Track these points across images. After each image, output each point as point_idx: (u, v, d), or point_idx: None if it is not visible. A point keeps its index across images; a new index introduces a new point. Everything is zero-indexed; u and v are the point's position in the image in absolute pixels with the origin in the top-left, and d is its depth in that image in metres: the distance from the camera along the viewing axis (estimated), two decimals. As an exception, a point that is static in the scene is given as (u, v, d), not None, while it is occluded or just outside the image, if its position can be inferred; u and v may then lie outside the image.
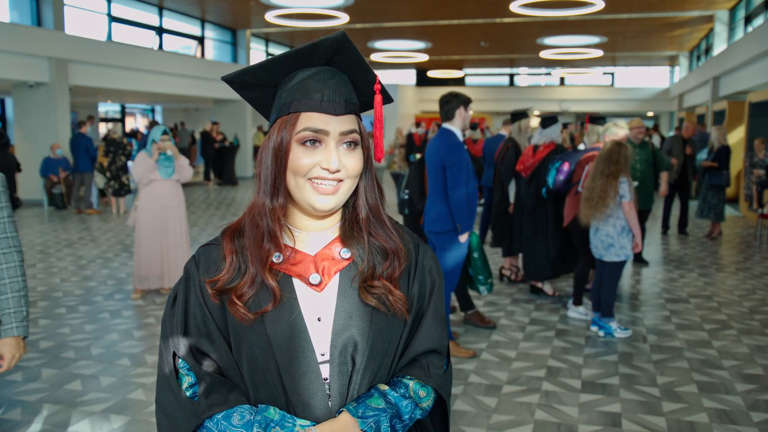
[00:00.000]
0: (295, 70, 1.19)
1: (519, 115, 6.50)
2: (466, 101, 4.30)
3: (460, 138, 4.27)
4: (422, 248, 1.31)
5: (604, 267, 4.86)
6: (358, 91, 1.23)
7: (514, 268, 6.51)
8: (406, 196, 5.08)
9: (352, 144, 1.17)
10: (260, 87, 1.22)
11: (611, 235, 4.74)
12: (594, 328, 4.91)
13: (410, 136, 13.37)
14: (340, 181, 1.16)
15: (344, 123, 1.16)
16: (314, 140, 1.15)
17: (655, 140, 14.42)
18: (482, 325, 5.00)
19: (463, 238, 4.25)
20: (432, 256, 1.32)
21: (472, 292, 5.80)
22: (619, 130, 5.18)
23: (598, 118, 6.27)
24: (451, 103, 4.26)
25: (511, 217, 6.23)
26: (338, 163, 1.14)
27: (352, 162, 1.17)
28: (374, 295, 1.20)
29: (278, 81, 1.20)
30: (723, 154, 8.90)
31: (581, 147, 5.90)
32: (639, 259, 7.37)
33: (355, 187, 1.22)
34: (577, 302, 5.32)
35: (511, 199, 6.24)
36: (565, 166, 5.37)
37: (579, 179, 5.20)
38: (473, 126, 10.88)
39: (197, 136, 21.02)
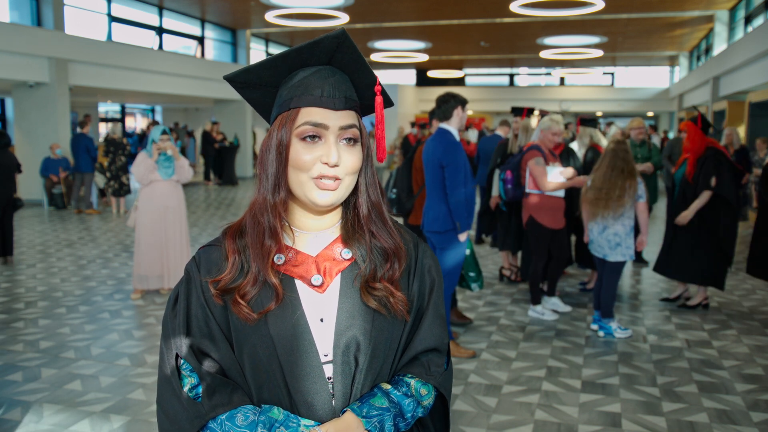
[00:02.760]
0: (296, 69, 1.20)
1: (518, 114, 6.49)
2: (463, 101, 4.31)
3: (457, 138, 4.28)
4: (422, 247, 1.32)
5: (605, 266, 4.85)
6: (359, 93, 1.24)
7: (514, 268, 6.51)
8: (394, 195, 5.08)
9: (352, 140, 1.18)
10: (261, 87, 1.22)
11: (620, 235, 4.71)
12: (594, 327, 4.91)
13: (406, 138, 13.40)
14: (339, 179, 1.17)
15: (344, 118, 1.17)
16: (314, 135, 1.16)
17: (655, 140, 14.42)
18: (459, 321, 5.03)
19: (463, 237, 4.25)
20: (431, 255, 1.33)
21: (473, 294, 5.81)
22: (553, 125, 5.12)
23: (589, 120, 6.28)
24: (449, 103, 4.27)
25: (499, 211, 6.28)
26: (337, 158, 1.15)
27: (351, 158, 1.17)
28: (375, 298, 1.21)
29: (279, 80, 1.21)
30: (744, 155, 8.85)
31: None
32: (639, 259, 7.38)
33: (356, 184, 1.23)
34: (536, 302, 5.35)
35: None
36: (508, 175, 5.37)
37: (525, 182, 5.16)
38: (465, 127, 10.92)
39: (196, 135, 21.06)
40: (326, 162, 1.14)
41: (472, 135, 12.88)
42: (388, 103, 1.27)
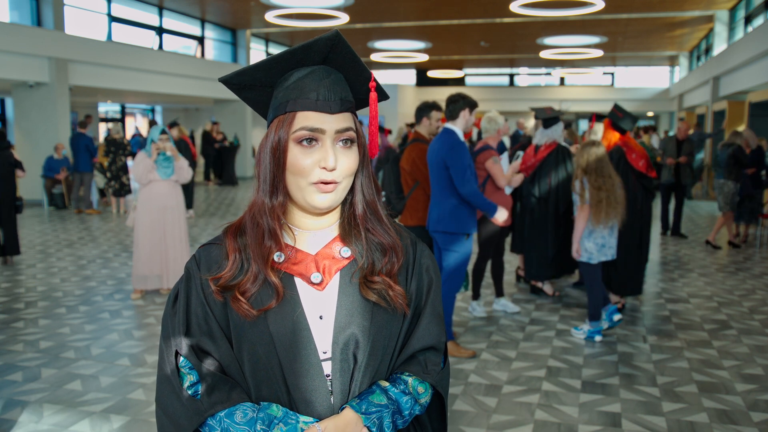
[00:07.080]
0: (290, 70, 1.20)
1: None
2: (472, 104, 4.35)
3: (461, 138, 4.28)
4: (419, 246, 1.33)
5: (600, 267, 4.74)
6: (354, 89, 1.25)
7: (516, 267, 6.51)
8: (383, 197, 5.06)
9: (348, 142, 1.19)
10: (256, 87, 1.23)
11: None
12: (600, 338, 4.78)
13: (405, 136, 13.45)
14: (337, 182, 1.18)
15: (340, 121, 1.17)
16: (311, 139, 1.16)
17: (654, 141, 14.41)
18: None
19: (501, 215, 4.30)
20: (429, 255, 1.34)
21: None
22: (498, 120, 5.11)
23: (603, 117, 6.29)
24: (458, 104, 4.31)
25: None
26: (335, 161, 1.15)
27: (347, 161, 1.18)
28: (374, 291, 1.22)
29: (274, 81, 1.22)
30: (760, 156, 8.78)
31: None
32: None
33: (352, 184, 1.23)
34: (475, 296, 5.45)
35: None
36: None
37: (483, 182, 5.05)
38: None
39: (195, 135, 21.04)
40: (324, 166, 1.15)
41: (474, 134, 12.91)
42: (382, 96, 1.27)
